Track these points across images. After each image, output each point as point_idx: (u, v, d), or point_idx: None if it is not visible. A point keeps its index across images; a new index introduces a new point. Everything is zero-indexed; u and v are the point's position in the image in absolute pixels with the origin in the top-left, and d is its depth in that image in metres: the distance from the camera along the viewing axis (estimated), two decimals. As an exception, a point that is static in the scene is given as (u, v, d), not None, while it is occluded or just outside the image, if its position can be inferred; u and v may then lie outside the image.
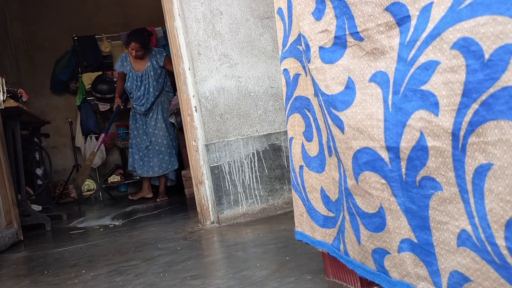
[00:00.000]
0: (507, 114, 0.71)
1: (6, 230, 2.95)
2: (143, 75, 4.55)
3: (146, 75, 4.55)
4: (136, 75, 4.55)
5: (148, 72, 4.54)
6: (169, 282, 1.70)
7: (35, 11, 6.11)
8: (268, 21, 2.89)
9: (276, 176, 2.81)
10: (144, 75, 4.55)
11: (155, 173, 4.60)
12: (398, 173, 0.95)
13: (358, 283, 1.30)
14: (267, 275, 1.60)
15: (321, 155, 1.29)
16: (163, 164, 4.59)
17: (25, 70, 6.10)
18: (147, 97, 4.56)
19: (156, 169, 4.59)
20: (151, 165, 4.60)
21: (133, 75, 4.55)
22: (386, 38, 0.96)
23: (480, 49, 0.75)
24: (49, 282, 1.99)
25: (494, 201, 0.75)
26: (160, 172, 4.59)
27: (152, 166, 4.61)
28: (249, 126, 2.81)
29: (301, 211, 1.42)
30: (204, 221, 2.80)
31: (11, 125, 3.58)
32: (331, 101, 1.12)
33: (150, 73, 4.54)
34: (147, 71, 4.55)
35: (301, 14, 1.22)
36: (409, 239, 0.97)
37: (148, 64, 4.55)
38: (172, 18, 2.80)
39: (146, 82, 4.55)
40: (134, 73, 4.55)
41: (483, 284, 0.80)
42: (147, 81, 4.55)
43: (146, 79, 4.55)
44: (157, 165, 4.59)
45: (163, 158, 4.59)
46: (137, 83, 4.53)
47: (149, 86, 4.55)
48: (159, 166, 4.59)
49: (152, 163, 4.60)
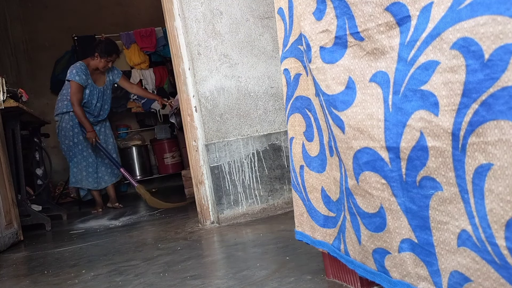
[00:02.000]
0: (507, 114, 0.71)
1: (6, 230, 2.95)
2: (104, 90, 4.34)
3: (105, 90, 4.35)
4: (97, 89, 4.28)
5: (107, 87, 4.36)
6: (169, 282, 1.70)
7: (35, 11, 6.11)
8: (268, 21, 2.90)
9: (276, 176, 2.81)
10: (104, 90, 4.34)
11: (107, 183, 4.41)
12: (398, 173, 0.95)
13: (358, 283, 1.30)
14: (267, 275, 1.60)
15: (322, 155, 1.29)
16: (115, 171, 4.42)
17: (25, 70, 6.10)
18: (102, 112, 4.37)
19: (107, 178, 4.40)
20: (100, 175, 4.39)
21: (94, 89, 4.25)
22: (386, 38, 0.96)
23: (480, 49, 0.75)
24: (49, 282, 1.99)
25: (494, 201, 0.75)
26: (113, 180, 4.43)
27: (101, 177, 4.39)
28: (249, 126, 2.81)
29: (301, 211, 1.42)
30: (204, 221, 2.80)
31: (11, 125, 3.58)
32: (332, 101, 1.12)
33: (108, 88, 4.38)
34: (106, 86, 4.36)
35: (302, 14, 1.22)
36: (409, 239, 0.97)
37: (107, 79, 4.35)
38: (172, 18, 2.80)
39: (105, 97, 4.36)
40: (95, 87, 4.26)
41: (484, 284, 0.80)
42: (106, 96, 4.36)
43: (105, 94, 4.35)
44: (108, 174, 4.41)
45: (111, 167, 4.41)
46: (97, 97, 4.28)
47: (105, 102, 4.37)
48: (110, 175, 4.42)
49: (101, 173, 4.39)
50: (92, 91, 4.22)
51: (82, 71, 4.10)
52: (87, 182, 4.30)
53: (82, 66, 4.14)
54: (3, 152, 3.15)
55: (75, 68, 4.11)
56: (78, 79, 4.06)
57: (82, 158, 4.28)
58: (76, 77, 4.06)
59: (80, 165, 4.29)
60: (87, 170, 4.29)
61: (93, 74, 4.22)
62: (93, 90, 4.23)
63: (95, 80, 4.25)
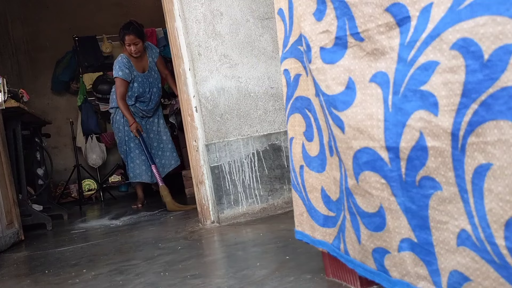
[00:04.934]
0: (506, 114, 0.72)
1: (7, 230, 2.95)
2: (150, 73, 4.08)
3: (150, 72, 4.10)
4: (144, 77, 4.06)
5: (151, 69, 4.10)
6: (170, 281, 1.71)
7: (36, 11, 6.11)
8: (268, 22, 2.90)
9: (276, 176, 2.81)
10: (149, 73, 4.09)
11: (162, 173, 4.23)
12: (398, 173, 0.96)
13: (357, 282, 1.30)
14: (267, 274, 1.60)
15: (322, 155, 1.29)
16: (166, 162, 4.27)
17: (26, 71, 6.10)
18: (152, 96, 4.14)
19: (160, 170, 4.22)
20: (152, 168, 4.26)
21: (142, 78, 4.05)
22: (386, 39, 0.96)
23: (480, 50, 0.75)
24: (50, 282, 1.99)
25: (493, 201, 0.76)
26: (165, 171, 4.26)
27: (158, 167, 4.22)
28: (249, 126, 2.82)
29: (301, 210, 1.42)
30: (205, 221, 2.81)
31: (12, 125, 3.59)
32: (332, 101, 1.13)
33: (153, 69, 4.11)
34: (151, 67, 4.10)
35: (302, 14, 1.22)
36: (409, 238, 0.97)
37: (150, 60, 4.10)
38: (173, 18, 2.81)
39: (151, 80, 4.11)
40: (142, 76, 4.05)
41: (483, 283, 0.80)
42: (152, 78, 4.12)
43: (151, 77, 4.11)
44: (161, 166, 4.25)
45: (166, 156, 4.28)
46: (146, 85, 4.07)
47: (153, 85, 4.13)
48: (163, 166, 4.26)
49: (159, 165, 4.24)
50: (141, 81, 4.05)
51: (124, 65, 3.95)
52: (146, 176, 4.20)
53: (124, 58, 3.98)
54: (4, 152, 3.16)
55: (117, 63, 3.98)
56: (122, 74, 3.94)
57: (140, 152, 4.15)
58: (119, 73, 3.94)
59: (139, 159, 4.17)
60: (146, 164, 4.16)
61: (135, 61, 4.03)
62: (142, 79, 4.05)
63: (138, 68, 4.05)
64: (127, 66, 3.96)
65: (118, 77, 3.95)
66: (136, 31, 3.90)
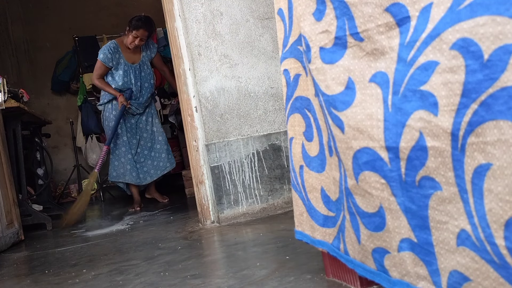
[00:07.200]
0: (506, 114, 0.72)
1: (7, 230, 2.95)
2: (141, 67, 3.96)
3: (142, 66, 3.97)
4: (132, 68, 3.93)
5: (143, 63, 3.98)
6: (170, 281, 1.71)
7: (36, 11, 6.12)
8: (268, 22, 2.90)
9: (276, 176, 2.81)
10: (141, 66, 3.97)
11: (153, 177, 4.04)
12: (397, 173, 0.96)
13: (357, 282, 1.31)
14: (267, 274, 1.60)
15: (322, 155, 1.29)
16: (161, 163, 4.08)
17: (26, 71, 6.11)
18: (143, 91, 3.98)
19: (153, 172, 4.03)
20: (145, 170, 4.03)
21: (129, 68, 3.91)
22: (386, 39, 0.96)
23: (479, 50, 0.75)
24: (50, 282, 1.99)
25: (493, 201, 0.76)
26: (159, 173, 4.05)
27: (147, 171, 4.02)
28: (249, 126, 2.82)
29: (301, 210, 1.42)
30: (205, 221, 2.81)
31: (12, 125, 3.59)
32: (332, 101, 1.13)
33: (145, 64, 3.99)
34: (143, 61, 3.98)
35: (302, 14, 1.22)
36: (408, 238, 0.97)
37: (142, 54, 3.98)
38: (173, 18, 2.81)
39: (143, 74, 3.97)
40: (130, 65, 3.92)
41: (483, 283, 0.80)
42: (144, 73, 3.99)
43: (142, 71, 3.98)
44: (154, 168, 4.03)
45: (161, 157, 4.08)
46: (134, 76, 3.93)
47: (144, 80, 3.99)
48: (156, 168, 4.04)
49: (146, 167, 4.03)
50: (127, 70, 3.91)
51: (109, 49, 3.85)
52: (130, 176, 3.94)
53: (112, 43, 3.90)
54: (4, 152, 3.16)
55: (104, 47, 3.92)
56: (102, 57, 3.85)
57: (126, 151, 3.95)
58: (100, 55, 3.87)
59: (124, 158, 3.95)
60: (132, 163, 3.94)
61: (127, 51, 3.92)
62: (128, 69, 3.91)
63: (128, 58, 3.93)
64: (112, 52, 3.86)
65: (99, 60, 3.89)
66: (150, 30, 3.86)
